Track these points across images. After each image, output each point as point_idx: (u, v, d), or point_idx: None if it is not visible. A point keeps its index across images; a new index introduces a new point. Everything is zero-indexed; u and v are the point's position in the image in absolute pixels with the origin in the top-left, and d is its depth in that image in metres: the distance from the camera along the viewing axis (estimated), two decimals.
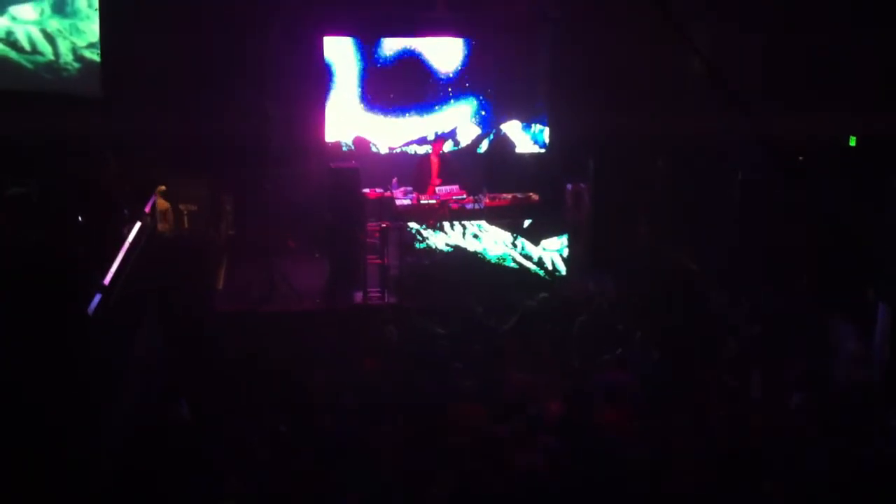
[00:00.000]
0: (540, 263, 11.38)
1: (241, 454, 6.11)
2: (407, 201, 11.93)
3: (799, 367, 7.83)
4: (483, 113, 13.10)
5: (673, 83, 12.26)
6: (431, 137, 12.91)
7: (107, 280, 7.98)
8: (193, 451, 6.09)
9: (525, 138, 13.22)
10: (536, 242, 11.49)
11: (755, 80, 11.75)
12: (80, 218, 8.83)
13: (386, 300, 10.59)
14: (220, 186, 11.53)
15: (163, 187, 11.00)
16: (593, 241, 11.45)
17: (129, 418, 6.61)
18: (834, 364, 7.92)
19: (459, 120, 13.04)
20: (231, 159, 11.54)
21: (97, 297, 7.58)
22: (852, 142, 12.22)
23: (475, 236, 11.53)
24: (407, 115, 12.91)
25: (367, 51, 12.70)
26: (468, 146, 13.12)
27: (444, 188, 12.16)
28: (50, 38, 11.99)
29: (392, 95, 12.83)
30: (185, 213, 11.28)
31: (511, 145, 13.23)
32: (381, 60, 12.77)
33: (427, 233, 11.37)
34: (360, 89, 12.75)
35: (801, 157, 11.73)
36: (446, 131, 13.01)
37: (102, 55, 11.93)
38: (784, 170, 11.49)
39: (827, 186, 11.07)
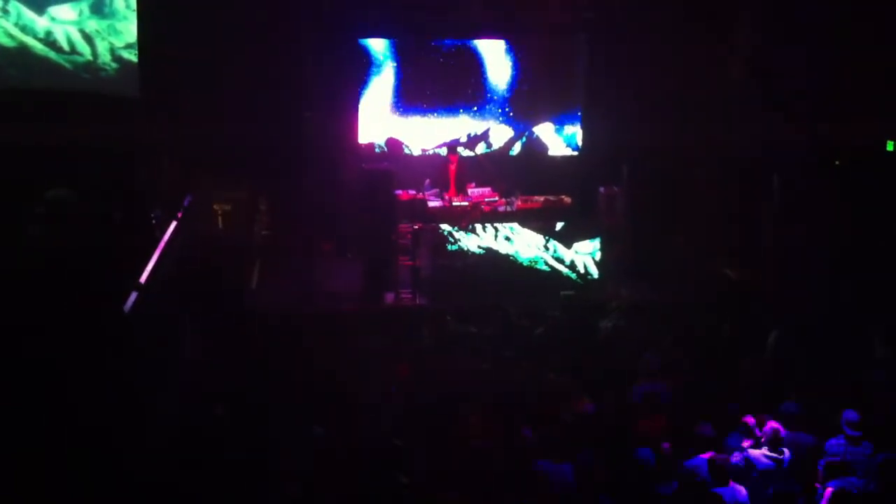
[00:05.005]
0: (572, 266, 11.36)
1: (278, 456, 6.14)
2: (439, 203, 11.91)
3: (845, 380, 7.62)
4: (516, 115, 13.05)
5: (710, 88, 12.20)
6: (464, 139, 12.89)
7: (143, 279, 8.05)
8: (230, 452, 6.12)
9: (558, 141, 13.17)
10: (569, 245, 11.45)
11: (793, 87, 11.69)
12: (115, 216, 8.92)
13: (417, 302, 10.60)
14: (254, 187, 11.59)
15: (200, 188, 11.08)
16: (626, 245, 11.42)
17: (165, 417, 6.66)
18: (881, 378, 7.73)
19: (492, 122, 13.02)
20: (265, 160, 11.61)
21: (133, 296, 7.64)
22: (890, 146, 12.12)
23: (507, 238, 11.50)
24: (440, 116, 12.88)
25: (401, 52, 12.71)
26: (501, 148, 13.09)
27: (476, 190, 12.10)
28: (88, 39, 12.13)
29: (425, 97, 12.81)
30: (220, 213, 11.35)
31: (544, 148, 13.17)
32: (414, 62, 12.76)
33: (459, 235, 11.36)
34: (393, 91, 12.75)
35: (837, 163, 11.66)
36: (479, 133, 12.98)
37: (140, 56, 12.05)
38: (822, 176, 11.44)
39: (866, 192, 10.98)
